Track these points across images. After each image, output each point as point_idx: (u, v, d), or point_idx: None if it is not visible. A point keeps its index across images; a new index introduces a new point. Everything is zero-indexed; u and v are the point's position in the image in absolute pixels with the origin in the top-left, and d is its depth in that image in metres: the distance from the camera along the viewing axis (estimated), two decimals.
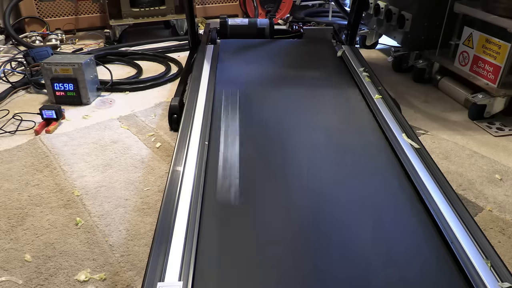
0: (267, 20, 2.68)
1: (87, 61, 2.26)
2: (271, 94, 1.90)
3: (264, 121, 1.68)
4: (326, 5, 4.11)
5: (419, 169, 1.37)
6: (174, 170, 1.33)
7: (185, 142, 1.48)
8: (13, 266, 1.29)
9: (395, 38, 2.78)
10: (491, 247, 1.07)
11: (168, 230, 1.10)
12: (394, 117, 1.70)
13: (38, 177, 1.69)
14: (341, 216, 1.20)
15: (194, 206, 1.18)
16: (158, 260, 1.01)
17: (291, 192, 1.29)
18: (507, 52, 2.05)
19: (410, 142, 1.53)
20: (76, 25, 3.51)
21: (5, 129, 2.04)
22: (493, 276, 0.99)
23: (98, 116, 2.21)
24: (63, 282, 1.24)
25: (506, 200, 1.63)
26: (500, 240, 1.43)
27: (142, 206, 1.55)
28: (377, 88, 1.95)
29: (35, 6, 3.31)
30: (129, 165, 1.79)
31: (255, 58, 2.32)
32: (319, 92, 1.94)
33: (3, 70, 2.60)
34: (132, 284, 1.24)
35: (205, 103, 1.76)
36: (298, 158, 1.45)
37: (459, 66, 2.40)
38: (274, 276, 1.01)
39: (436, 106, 2.40)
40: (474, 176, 1.77)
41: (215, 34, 2.66)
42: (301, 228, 1.15)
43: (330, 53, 2.41)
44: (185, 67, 2.61)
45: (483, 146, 2.00)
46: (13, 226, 1.45)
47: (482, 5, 2.23)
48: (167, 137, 2.00)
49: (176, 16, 3.45)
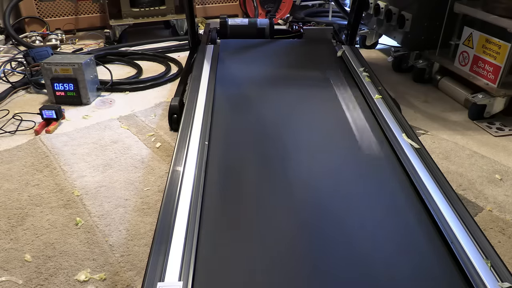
0: (267, 20, 2.68)
1: (87, 61, 2.26)
2: (271, 94, 1.90)
3: (264, 121, 1.68)
4: (326, 5, 4.11)
5: (419, 169, 1.37)
6: (174, 170, 1.33)
7: (185, 142, 1.48)
8: (13, 266, 1.29)
9: (395, 38, 2.78)
10: (491, 247, 1.07)
11: (168, 230, 1.10)
12: (394, 117, 1.70)
13: (38, 177, 1.69)
14: (341, 216, 1.20)
15: (194, 206, 1.18)
16: (158, 260, 1.01)
17: (291, 191, 1.29)
18: (507, 52, 2.05)
19: (410, 142, 1.53)
20: (76, 25, 3.51)
21: (5, 129, 2.04)
22: (493, 276, 0.99)
23: (98, 116, 2.21)
24: (63, 282, 1.24)
25: (506, 200, 1.62)
26: (500, 240, 1.43)
27: (142, 206, 1.55)
28: (377, 88, 1.95)
29: (35, 6, 3.31)
30: (129, 165, 1.79)
31: (255, 58, 2.32)
32: (319, 92, 1.94)
33: (3, 70, 2.60)
34: (132, 284, 1.24)
35: (205, 103, 1.76)
36: (298, 158, 1.45)
37: (459, 66, 2.40)
38: (274, 276, 1.01)
39: (436, 106, 2.40)
40: (474, 176, 1.77)
41: (215, 34, 2.66)
42: (301, 227, 1.15)
43: (330, 53, 2.41)
44: (185, 67, 2.61)
45: (483, 146, 2.00)
46: (13, 226, 1.45)
47: (482, 5, 2.23)
48: (167, 137, 2.00)
49: (176, 16, 3.45)
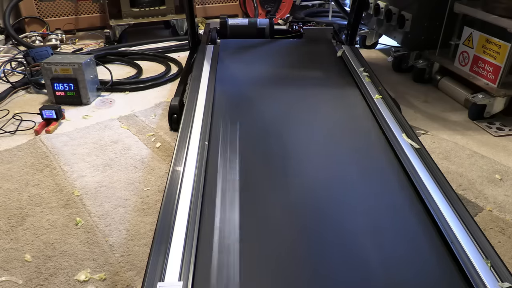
0: (267, 20, 2.68)
1: (87, 61, 2.26)
2: (271, 94, 1.90)
3: (264, 121, 1.68)
4: (326, 5, 4.11)
5: (419, 169, 1.37)
6: (174, 170, 1.33)
7: (185, 142, 1.48)
8: (13, 266, 1.29)
9: (395, 38, 2.78)
10: (491, 247, 1.07)
11: (168, 230, 1.10)
12: (394, 117, 1.70)
13: (38, 177, 1.69)
14: (341, 216, 1.20)
15: (194, 206, 1.18)
16: (158, 260, 1.01)
17: (291, 191, 1.29)
18: (507, 52, 2.05)
19: (410, 142, 1.53)
20: (76, 25, 3.51)
21: (5, 129, 2.04)
22: (493, 276, 0.99)
23: (98, 116, 2.21)
24: (63, 282, 1.24)
25: (506, 200, 1.62)
26: (500, 240, 1.43)
27: (142, 206, 1.55)
28: (377, 88, 1.94)
29: (35, 6, 3.31)
30: (129, 165, 1.79)
31: (255, 58, 2.32)
32: (319, 92, 1.94)
33: (3, 70, 2.60)
34: (132, 284, 1.24)
35: (205, 103, 1.76)
36: (298, 158, 1.45)
37: (459, 66, 2.40)
38: (275, 276, 1.01)
39: (436, 106, 2.40)
40: (474, 176, 1.77)
41: (215, 34, 2.66)
42: (301, 227, 1.15)
43: (330, 53, 2.41)
44: (185, 67, 2.61)
45: (483, 146, 2.00)
46: (13, 226, 1.45)
47: (482, 5, 2.23)
48: (167, 137, 2.00)
49: (176, 16, 3.45)
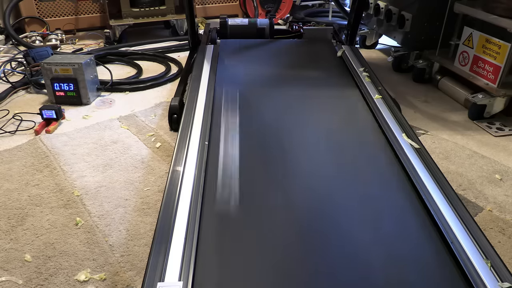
0: (267, 20, 2.68)
1: (87, 61, 2.26)
2: (271, 94, 1.90)
3: (264, 121, 1.68)
4: (326, 5, 4.10)
5: (419, 169, 1.37)
6: (174, 170, 1.33)
7: (185, 142, 1.48)
8: (13, 266, 1.29)
9: (395, 38, 2.78)
10: (491, 247, 1.07)
11: (168, 230, 1.10)
12: (394, 117, 1.70)
13: (38, 177, 1.69)
14: (341, 216, 1.20)
15: (194, 206, 1.18)
16: (158, 260, 1.01)
17: (291, 192, 1.29)
18: (507, 52, 2.05)
19: (410, 142, 1.53)
20: (76, 25, 3.50)
21: (5, 129, 2.04)
22: (493, 276, 0.99)
23: (98, 116, 2.21)
24: (63, 282, 1.24)
25: (506, 200, 1.62)
26: (500, 240, 1.43)
27: (142, 206, 1.55)
28: (377, 88, 1.94)
29: (35, 6, 3.30)
30: (129, 165, 1.79)
31: (255, 58, 2.32)
32: (319, 92, 1.94)
33: (3, 70, 2.60)
34: (132, 284, 1.24)
35: (205, 103, 1.75)
36: (298, 158, 1.45)
37: (459, 66, 2.40)
38: (274, 276, 1.01)
39: (436, 106, 2.40)
40: (474, 176, 1.77)
41: (215, 34, 2.65)
42: (300, 228, 1.15)
43: (330, 53, 2.41)
44: (185, 67, 2.61)
45: (483, 146, 2.00)
46: (13, 226, 1.45)
47: (482, 5, 2.23)
48: (167, 137, 2.00)
49: (176, 16, 3.45)
